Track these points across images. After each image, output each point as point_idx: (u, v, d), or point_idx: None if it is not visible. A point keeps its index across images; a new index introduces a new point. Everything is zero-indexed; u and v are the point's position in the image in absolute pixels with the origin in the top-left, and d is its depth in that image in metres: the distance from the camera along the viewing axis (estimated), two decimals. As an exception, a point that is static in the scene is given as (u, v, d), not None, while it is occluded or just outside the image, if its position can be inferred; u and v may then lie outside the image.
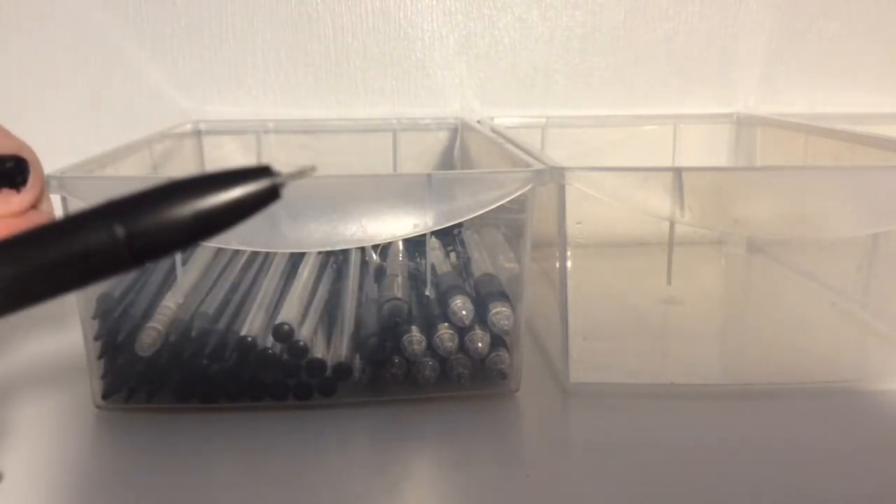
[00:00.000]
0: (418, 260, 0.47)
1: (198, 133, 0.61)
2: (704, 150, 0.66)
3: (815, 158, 0.55)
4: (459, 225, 0.50)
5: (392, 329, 0.39)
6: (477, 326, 0.39)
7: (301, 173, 0.18)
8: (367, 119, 0.64)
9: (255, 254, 0.47)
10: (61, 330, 0.45)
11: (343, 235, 0.35)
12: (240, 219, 0.17)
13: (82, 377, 0.39)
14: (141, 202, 0.16)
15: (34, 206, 0.25)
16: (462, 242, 0.50)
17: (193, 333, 0.39)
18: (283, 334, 0.38)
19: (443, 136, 0.64)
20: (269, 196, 0.17)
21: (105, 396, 0.39)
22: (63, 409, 0.40)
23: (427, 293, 0.42)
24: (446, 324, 0.39)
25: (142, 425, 0.38)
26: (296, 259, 0.47)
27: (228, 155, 0.62)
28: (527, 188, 0.37)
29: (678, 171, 0.37)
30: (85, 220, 0.17)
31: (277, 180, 0.17)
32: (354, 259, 0.48)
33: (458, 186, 0.36)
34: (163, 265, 0.43)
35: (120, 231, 0.16)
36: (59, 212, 0.36)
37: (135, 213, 0.16)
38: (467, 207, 0.36)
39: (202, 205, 0.16)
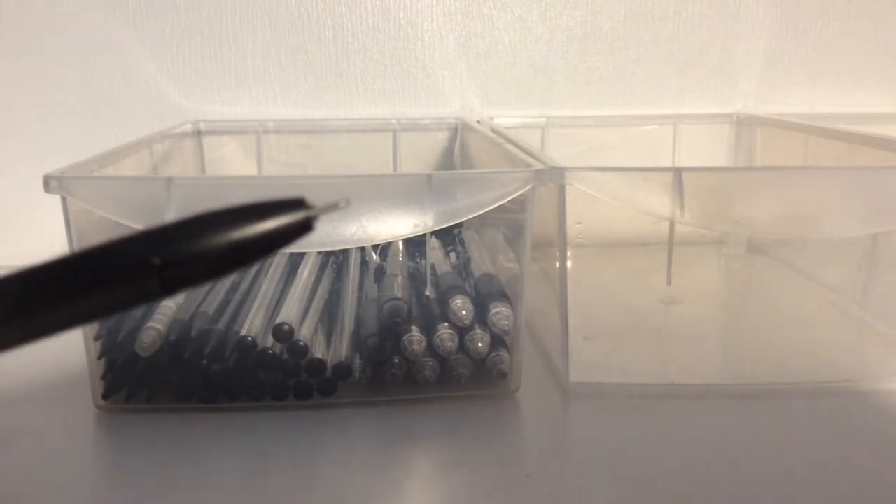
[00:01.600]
0: (418, 260, 0.47)
1: (198, 133, 0.61)
2: (704, 150, 0.66)
3: (815, 158, 0.55)
4: (459, 225, 0.50)
5: (392, 329, 0.39)
6: (477, 326, 0.39)
7: (334, 205, 0.17)
8: (367, 119, 0.64)
9: (255, 254, 0.47)
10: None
11: (343, 235, 0.35)
12: (272, 250, 0.17)
13: (82, 377, 0.39)
14: (175, 233, 0.17)
15: None
16: (462, 242, 0.50)
17: (193, 333, 0.39)
18: (283, 334, 0.38)
19: (443, 136, 0.64)
20: (303, 228, 0.17)
21: (105, 396, 0.39)
22: (63, 409, 0.40)
23: (427, 293, 0.42)
24: (446, 324, 0.39)
25: (142, 425, 0.38)
26: (296, 259, 0.47)
27: (228, 155, 0.62)
28: (527, 188, 0.37)
29: (678, 171, 0.37)
30: (119, 248, 0.17)
31: (311, 213, 0.17)
32: (354, 259, 0.48)
33: (458, 186, 0.36)
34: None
35: (155, 261, 0.16)
36: (58, 212, 0.36)
37: (169, 244, 0.16)
38: (467, 207, 0.36)
39: (236, 236, 0.16)
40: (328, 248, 0.44)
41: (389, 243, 0.48)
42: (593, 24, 0.65)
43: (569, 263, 0.41)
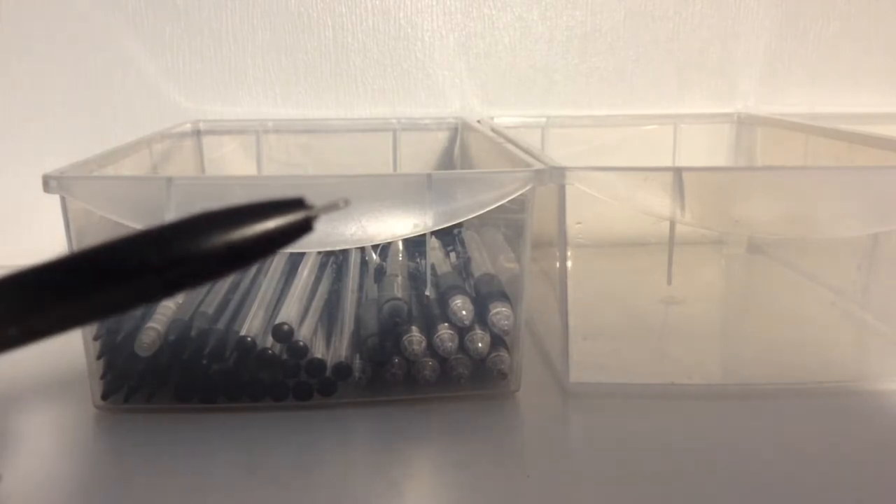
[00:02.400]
0: (418, 260, 0.47)
1: (197, 133, 0.61)
2: (704, 150, 0.66)
3: (815, 158, 0.55)
4: (459, 225, 0.50)
5: (392, 329, 0.39)
6: (477, 326, 0.39)
7: (334, 206, 0.17)
8: (367, 119, 0.64)
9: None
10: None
11: (343, 235, 0.35)
12: (272, 250, 0.17)
13: (82, 377, 0.39)
14: (175, 233, 0.16)
15: None
16: (462, 242, 0.50)
17: (193, 333, 0.39)
18: (282, 334, 0.38)
19: (443, 136, 0.64)
20: (302, 229, 0.17)
21: (104, 396, 0.39)
22: (62, 410, 0.40)
23: (427, 293, 0.42)
24: (446, 324, 0.39)
25: (141, 425, 0.38)
26: (295, 259, 0.47)
27: (228, 155, 0.62)
28: (527, 188, 0.37)
29: (678, 171, 0.37)
30: (119, 249, 0.16)
31: (311, 213, 0.17)
32: (354, 259, 0.48)
33: (458, 186, 0.36)
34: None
35: (153, 262, 0.16)
36: (58, 212, 0.36)
37: (169, 244, 0.16)
38: (467, 207, 0.36)
39: (235, 237, 0.16)
40: (328, 248, 0.44)
41: (389, 243, 0.48)
42: (593, 24, 0.65)
43: (569, 263, 0.41)
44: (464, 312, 0.39)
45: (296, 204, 0.17)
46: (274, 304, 0.42)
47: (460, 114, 0.64)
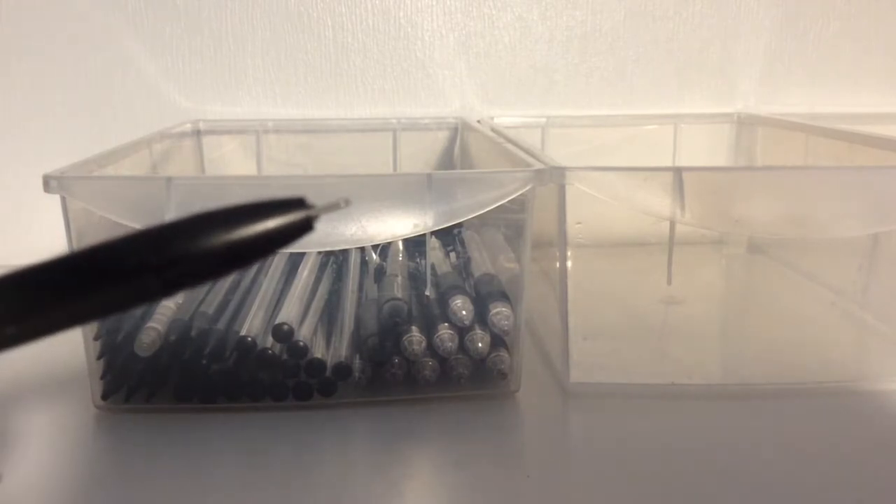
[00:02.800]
0: (418, 260, 0.47)
1: (197, 133, 0.61)
2: (705, 150, 0.66)
3: (815, 158, 0.55)
4: (459, 225, 0.50)
5: (392, 329, 0.39)
6: (477, 326, 0.39)
7: (335, 205, 0.17)
8: (367, 119, 0.64)
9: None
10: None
11: (342, 235, 0.35)
12: (272, 250, 0.17)
13: (82, 377, 0.39)
14: (174, 232, 0.16)
15: None
16: (462, 242, 0.50)
17: (193, 333, 0.39)
18: (282, 334, 0.38)
19: (443, 135, 0.64)
20: (303, 228, 0.17)
21: (104, 396, 0.39)
22: (62, 409, 0.40)
23: (427, 293, 0.42)
24: (446, 324, 0.39)
25: (141, 425, 0.38)
26: (295, 259, 0.47)
27: (228, 155, 0.62)
28: (527, 188, 0.37)
29: (678, 171, 0.37)
30: (118, 248, 0.16)
31: (311, 213, 0.17)
32: (354, 259, 0.48)
33: (458, 186, 0.36)
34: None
35: (153, 261, 0.16)
36: (58, 212, 0.36)
37: (168, 244, 0.16)
38: (467, 207, 0.36)
39: (235, 236, 0.16)
40: (328, 248, 0.44)
41: (389, 243, 0.48)
42: (593, 24, 0.65)
43: (569, 263, 0.41)
44: (464, 312, 0.39)
45: (296, 204, 0.17)
46: (274, 304, 0.42)
47: (460, 114, 0.64)
